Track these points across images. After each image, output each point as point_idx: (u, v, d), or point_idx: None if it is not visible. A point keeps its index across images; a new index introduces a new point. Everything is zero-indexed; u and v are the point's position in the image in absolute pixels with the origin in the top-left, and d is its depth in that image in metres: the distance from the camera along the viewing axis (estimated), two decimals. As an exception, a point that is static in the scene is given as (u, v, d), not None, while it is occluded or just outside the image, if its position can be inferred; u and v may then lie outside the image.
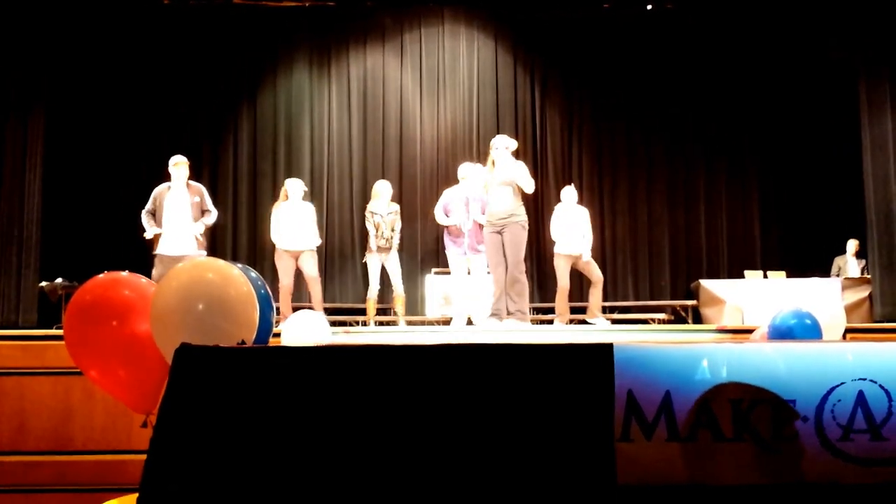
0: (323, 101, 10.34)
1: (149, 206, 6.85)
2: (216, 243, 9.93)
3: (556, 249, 7.72)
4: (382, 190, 7.74)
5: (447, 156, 10.28)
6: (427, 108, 10.36)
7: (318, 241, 7.57)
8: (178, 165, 6.92)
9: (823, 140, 9.81)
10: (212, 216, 6.95)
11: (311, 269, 7.33)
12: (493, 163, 6.43)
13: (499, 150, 6.40)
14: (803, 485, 1.97)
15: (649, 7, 10.16)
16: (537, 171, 10.30)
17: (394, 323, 7.70)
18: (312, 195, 10.13)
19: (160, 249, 6.73)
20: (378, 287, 7.58)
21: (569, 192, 7.92)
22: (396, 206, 7.77)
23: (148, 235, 6.78)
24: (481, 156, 10.19)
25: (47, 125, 8.05)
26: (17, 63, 7.80)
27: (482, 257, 7.14)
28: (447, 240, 7.59)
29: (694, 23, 10.19)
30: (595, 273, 7.74)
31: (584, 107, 10.49)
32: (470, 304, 7.36)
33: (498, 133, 10.21)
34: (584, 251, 7.60)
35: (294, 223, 7.38)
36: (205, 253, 6.81)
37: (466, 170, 7.61)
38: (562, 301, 7.60)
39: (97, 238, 9.13)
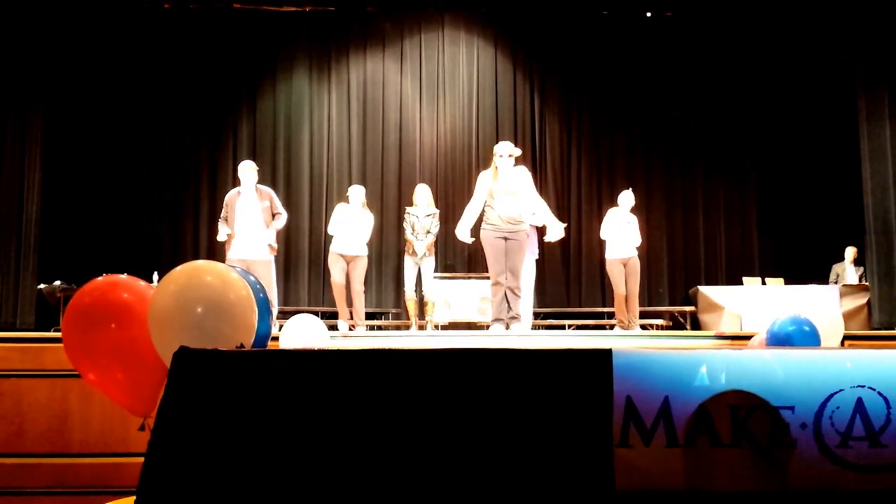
0: (323, 106, 10.36)
1: (223, 213, 6.78)
2: (215, 247, 9.93)
3: (609, 255, 7.67)
4: (416, 195, 7.68)
5: (446, 161, 10.30)
6: (426, 113, 10.37)
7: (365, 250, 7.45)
8: (248, 170, 6.81)
9: (822, 147, 9.84)
10: (282, 218, 6.87)
11: (357, 279, 7.27)
12: (497, 170, 6.23)
13: (503, 157, 6.21)
14: (801, 491, 1.97)
15: (648, 14, 10.19)
16: (536, 177, 10.30)
17: (422, 327, 7.70)
18: (311, 199, 10.16)
19: (231, 254, 6.62)
20: (413, 287, 7.56)
21: (626, 197, 7.79)
22: (436, 210, 7.66)
23: (221, 238, 6.69)
24: (480, 161, 10.22)
25: (46, 126, 8.06)
26: (17, 65, 7.81)
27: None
28: None
29: (693, 30, 10.22)
30: (631, 284, 7.62)
31: (583, 113, 10.51)
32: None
33: (497, 138, 10.28)
34: (633, 256, 7.60)
35: (349, 228, 7.32)
36: (270, 259, 6.75)
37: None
38: (620, 306, 7.60)
39: (96, 240, 9.14)
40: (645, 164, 10.43)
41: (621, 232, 7.61)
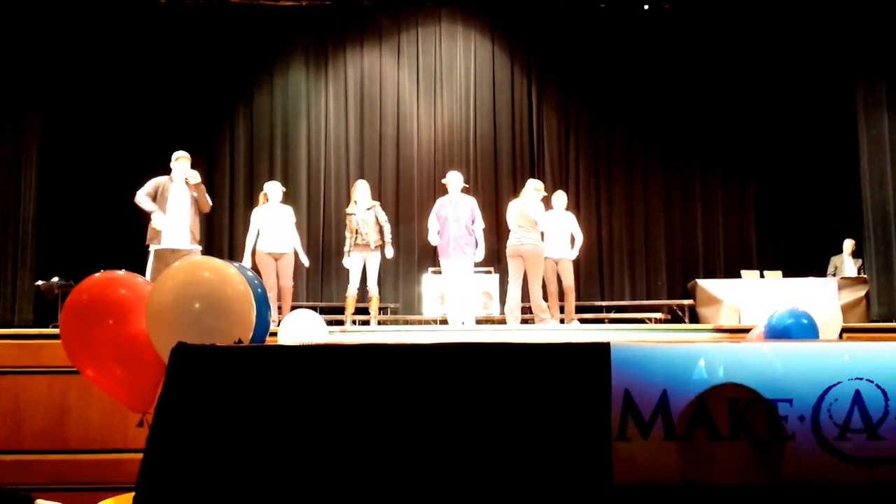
0: (320, 101, 10.35)
1: (149, 190, 6.67)
2: (213, 242, 9.93)
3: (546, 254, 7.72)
4: (356, 192, 7.64)
5: (444, 155, 10.30)
6: (424, 107, 10.36)
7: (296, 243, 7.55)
8: (181, 160, 6.79)
9: (820, 140, 9.84)
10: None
11: (287, 275, 7.36)
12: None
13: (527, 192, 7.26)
14: (799, 484, 1.98)
15: (646, 7, 10.17)
16: (534, 171, 10.32)
17: (367, 322, 7.66)
18: (309, 194, 10.16)
19: (161, 244, 6.60)
20: (357, 285, 7.50)
21: (559, 198, 7.96)
22: (375, 203, 7.63)
23: (157, 223, 6.55)
24: (478, 155, 10.23)
25: (43, 124, 8.05)
26: (13, 62, 7.79)
27: (466, 260, 7.35)
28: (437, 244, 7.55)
29: (691, 22, 10.21)
30: (567, 280, 7.73)
31: (581, 106, 10.51)
32: (459, 304, 7.41)
33: (495, 132, 10.34)
34: (565, 255, 7.69)
35: (275, 225, 7.39)
36: (199, 248, 6.77)
37: (451, 178, 7.59)
38: (552, 301, 7.65)
39: (93, 237, 9.12)
40: (643, 157, 10.43)
41: (554, 231, 7.69)
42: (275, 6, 10.09)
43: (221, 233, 10.06)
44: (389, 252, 7.50)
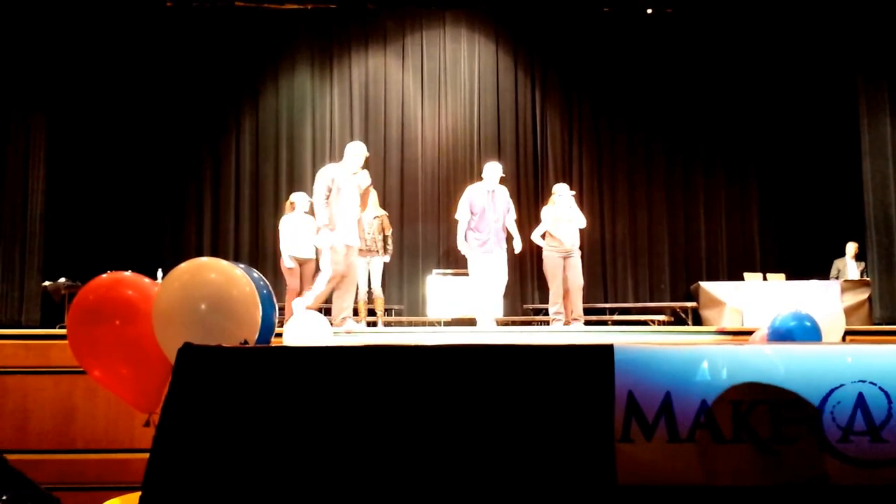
0: (325, 103, 10.37)
1: (329, 184, 6.18)
2: (219, 244, 9.95)
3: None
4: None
5: (448, 158, 10.31)
6: (428, 110, 10.37)
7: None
8: (360, 157, 6.46)
9: (823, 142, 9.83)
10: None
11: (309, 279, 7.54)
12: (555, 202, 7.33)
13: (562, 196, 7.34)
14: (802, 486, 1.98)
15: (649, 11, 10.18)
16: (537, 173, 10.34)
17: (374, 323, 7.73)
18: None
19: (343, 240, 6.17)
20: (366, 289, 7.69)
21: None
22: (383, 213, 7.82)
23: (320, 243, 6.19)
24: (482, 157, 10.22)
25: (50, 125, 8.05)
26: (21, 63, 7.80)
27: (503, 255, 7.19)
28: (472, 237, 7.23)
29: (693, 26, 10.22)
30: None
31: (584, 109, 10.51)
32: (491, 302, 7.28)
33: (499, 135, 10.34)
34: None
35: (301, 234, 7.66)
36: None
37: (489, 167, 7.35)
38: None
39: (100, 237, 9.16)
40: (646, 159, 10.43)
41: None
42: (280, 9, 10.11)
43: (226, 235, 10.08)
44: (386, 258, 7.78)
